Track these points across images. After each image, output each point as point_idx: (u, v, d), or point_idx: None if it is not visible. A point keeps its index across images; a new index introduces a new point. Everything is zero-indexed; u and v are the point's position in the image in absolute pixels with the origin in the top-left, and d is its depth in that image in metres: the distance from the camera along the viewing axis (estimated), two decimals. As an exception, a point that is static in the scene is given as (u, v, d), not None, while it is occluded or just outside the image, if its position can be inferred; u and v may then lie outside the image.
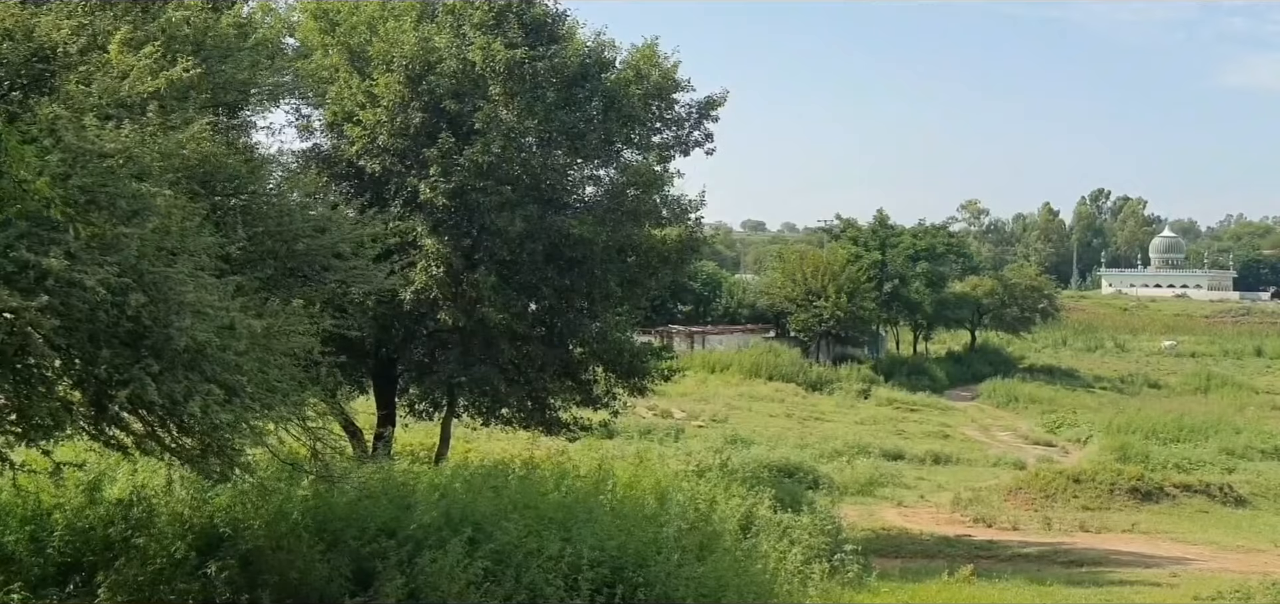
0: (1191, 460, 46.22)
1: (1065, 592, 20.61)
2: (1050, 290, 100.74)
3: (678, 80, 25.02)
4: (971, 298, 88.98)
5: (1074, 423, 58.44)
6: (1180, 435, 52.72)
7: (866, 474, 39.50)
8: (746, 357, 67.99)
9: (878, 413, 59.22)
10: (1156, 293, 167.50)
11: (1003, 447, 52.50)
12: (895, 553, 25.50)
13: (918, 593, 19.95)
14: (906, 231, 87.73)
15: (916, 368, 77.54)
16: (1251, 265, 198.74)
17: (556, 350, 25.08)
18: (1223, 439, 52.20)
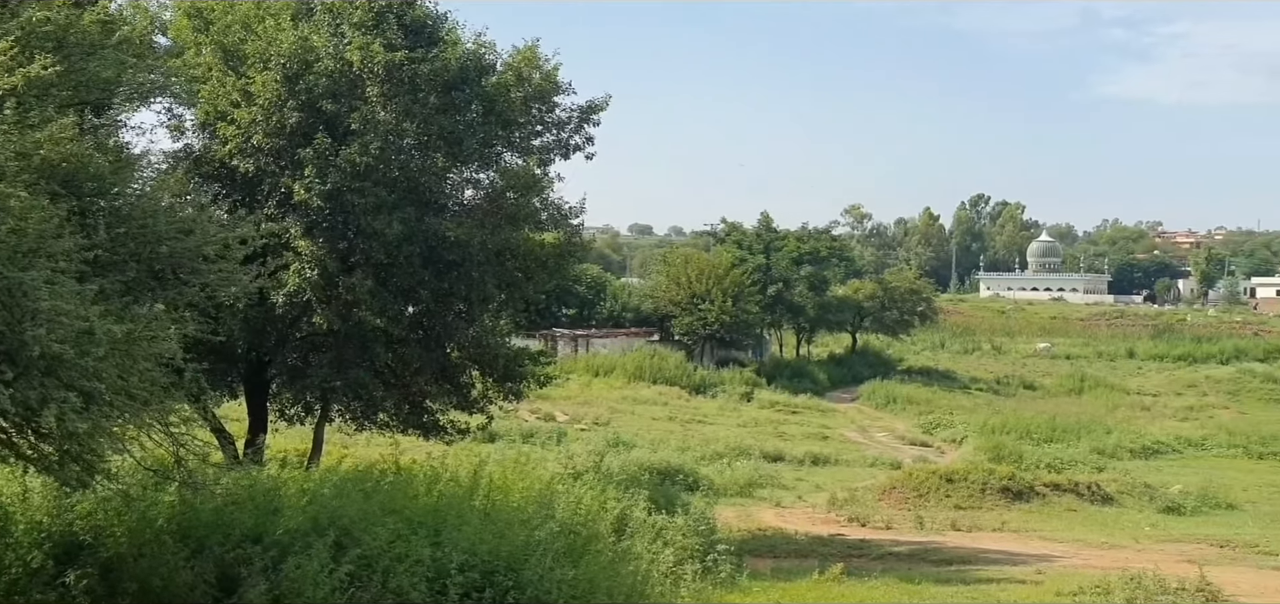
0: (1063, 460, 47.13)
1: (933, 589, 20.95)
2: (929, 293, 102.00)
3: (559, 83, 25.00)
4: (853, 301, 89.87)
5: (950, 424, 59.35)
6: (1053, 436, 53.75)
7: (746, 476, 39.80)
8: (630, 360, 68.20)
9: (760, 415, 59.69)
10: (1033, 296, 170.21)
11: (880, 447, 53.20)
12: (770, 553, 25.74)
13: (788, 592, 20.18)
14: (790, 235, 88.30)
15: (799, 370, 78.15)
16: (1126, 269, 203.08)
17: (433, 354, 25.01)
18: (1094, 439, 53.32)
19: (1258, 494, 39.70)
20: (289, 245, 21.87)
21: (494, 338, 26.24)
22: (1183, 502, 36.59)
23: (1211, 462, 50.74)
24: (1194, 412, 67.98)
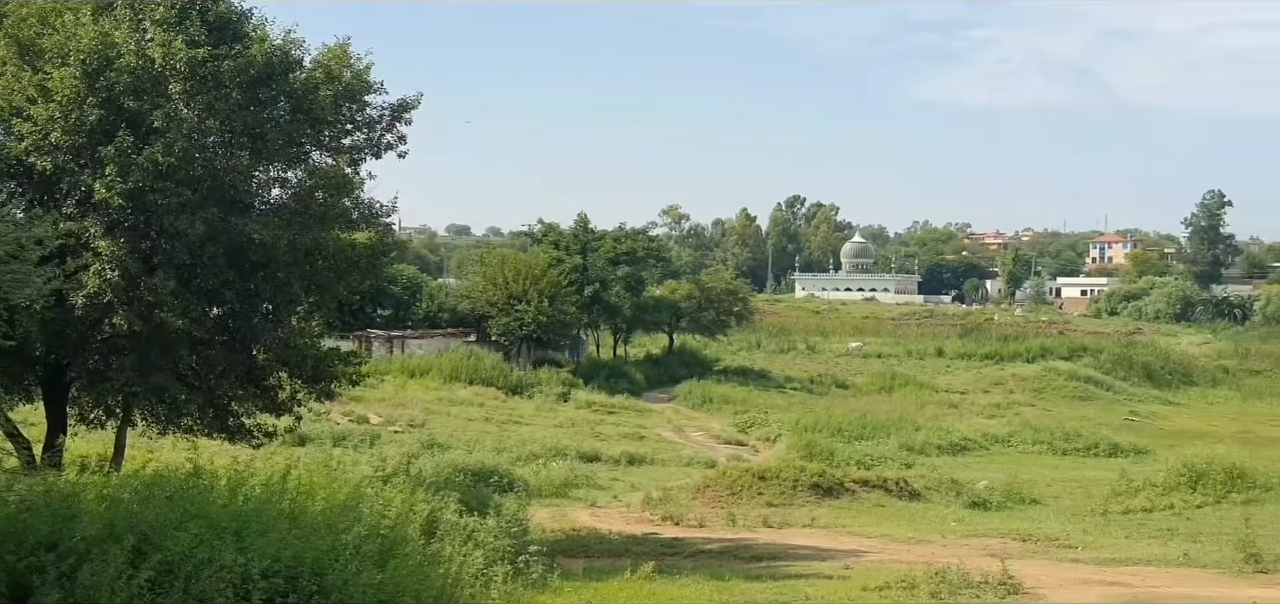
0: (873, 457, 47.93)
1: (742, 586, 21.15)
2: (746, 294, 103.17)
3: (370, 81, 24.70)
4: (670, 301, 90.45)
5: (765, 422, 60.02)
6: (864, 433, 54.65)
7: (562, 476, 39.79)
8: (447, 361, 67.75)
9: (576, 415, 59.74)
10: (847, 296, 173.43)
11: (696, 447, 53.60)
12: (583, 553, 25.75)
13: (599, 592, 20.20)
14: (608, 236, 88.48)
15: (616, 371, 78.39)
16: (936, 269, 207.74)
17: (239, 356, 24.51)
18: (903, 436, 54.36)
19: (1060, 489, 40.75)
20: (89, 246, 21.28)
21: (303, 339, 25.85)
22: (988, 497, 37.43)
23: (1016, 458, 52.02)
24: (1000, 409, 69.65)
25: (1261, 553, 23.87)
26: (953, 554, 23.92)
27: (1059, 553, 27.17)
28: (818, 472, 37.41)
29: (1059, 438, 56.59)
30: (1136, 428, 64.23)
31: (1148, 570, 23.85)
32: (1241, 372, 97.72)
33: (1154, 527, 31.56)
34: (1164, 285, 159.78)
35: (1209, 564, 24.38)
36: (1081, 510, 35.37)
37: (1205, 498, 34.86)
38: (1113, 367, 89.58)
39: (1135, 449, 53.52)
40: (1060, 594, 20.66)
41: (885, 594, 20.33)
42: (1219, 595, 20.19)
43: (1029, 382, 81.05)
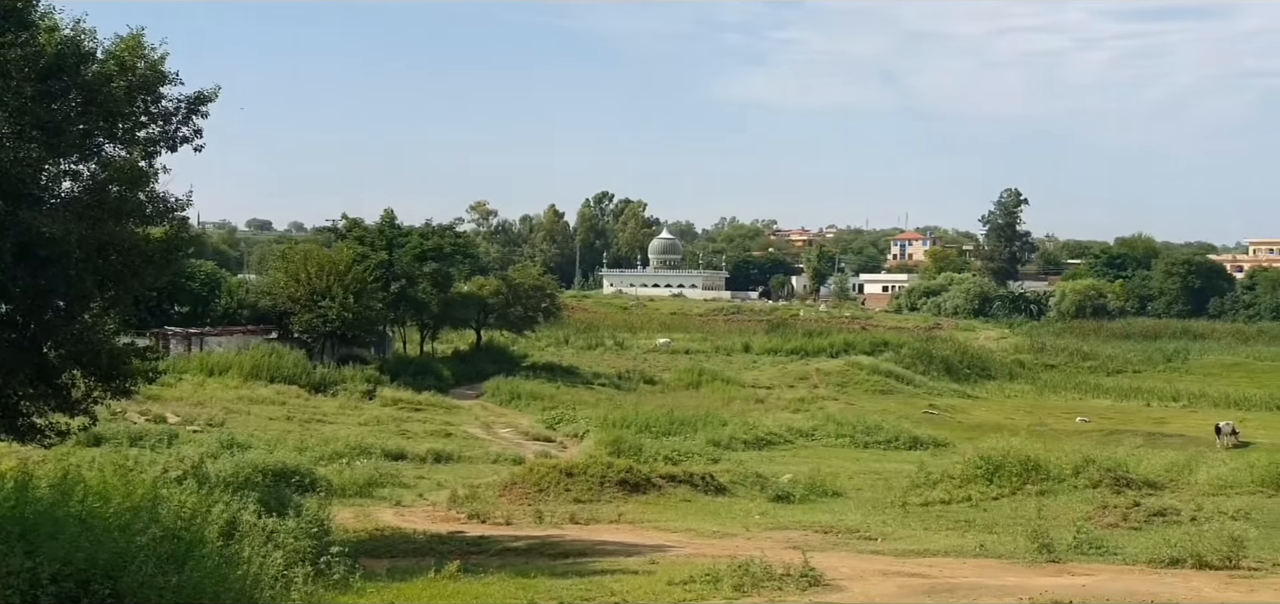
0: (680, 452, 48.25)
1: (547, 582, 21.09)
2: (554, 290, 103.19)
3: (166, 73, 24.09)
4: (478, 297, 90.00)
5: (573, 419, 60.08)
6: (671, 428, 55.00)
7: (366, 475, 39.26)
8: (247, 358, 66.41)
9: (382, 413, 59.12)
10: (655, 292, 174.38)
11: (504, 443, 53.43)
12: (387, 552, 25.43)
13: (403, 591, 20.00)
14: (414, 232, 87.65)
15: (423, 367, 77.78)
16: (743, 266, 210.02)
17: (29, 354, 23.72)
18: (710, 431, 54.83)
19: (861, 481, 41.45)
20: None
21: (97, 336, 25.09)
22: (792, 490, 37.91)
23: (820, 451, 52.88)
24: (805, 403, 70.75)
25: (1053, 543, 24.57)
26: (756, 547, 24.16)
27: (859, 544, 27.61)
28: (625, 468, 37.50)
29: (861, 431, 57.67)
30: (936, 421, 65.80)
31: (945, 561, 24.36)
32: (1037, 365, 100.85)
33: (951, 518, 32.22)
34: (962, 282, 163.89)
35: (1003, 554, 25.00)
36: (882, 502, 36.00)
37: (1001, 489, 35.74)
38: (913, 361, 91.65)
39: (934, 442, 54.79)
40: (860, 585, 20.98)
41: (689, 588, 20.43)
42: (1011, 584, 20.68)
43: (833, 376, 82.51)
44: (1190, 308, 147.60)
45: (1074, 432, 59.63)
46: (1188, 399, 79.85)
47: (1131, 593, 19.59)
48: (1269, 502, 32.57)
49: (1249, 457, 42.16)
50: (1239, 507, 30.75)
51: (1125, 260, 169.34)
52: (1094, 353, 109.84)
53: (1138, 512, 30.46)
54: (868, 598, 19.90)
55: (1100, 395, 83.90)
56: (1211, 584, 20.87)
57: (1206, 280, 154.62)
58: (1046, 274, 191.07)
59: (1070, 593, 19.52)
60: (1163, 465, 39.43)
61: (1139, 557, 23.80)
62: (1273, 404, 76.77)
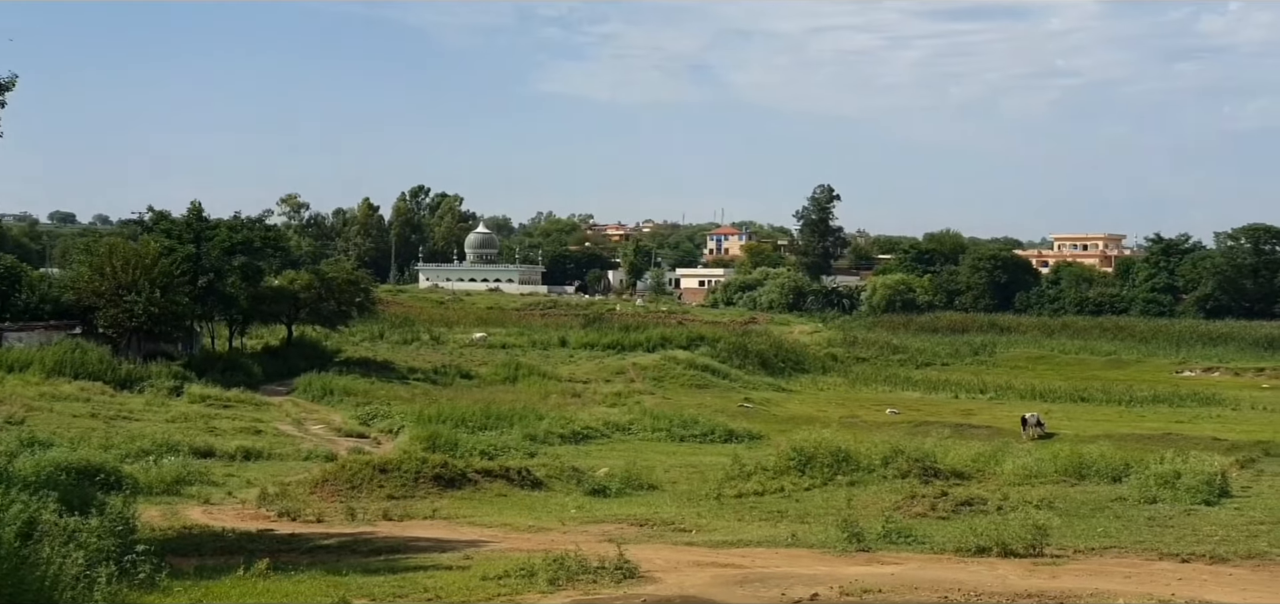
0: (496, 447, 48.07)
1: (359, 580, 20.75)
2: (368, 284, 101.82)
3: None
4: (289, 292, 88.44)
5: (387, 414, 59.36)
6: (487, 423, 54.73)
7: (174, 472, 38.28)
8: (50, 354, 64.36)
9: (190, 410, 57.77)
10: (472, 286, 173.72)
11: (316, 440, 52.58)
12: (195, 551, 24.76)
13: (211, 590, 19.51)
14: (223, 225, 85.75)
15: (232, 363, 76.19)
16: (559, 260, 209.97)
17: None
18: (527, 425, 54.65)
19: (677, 474, 41.62)
20: None
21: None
22: (608, 484, 37.90)
23: (636, 445, 53.03)
24: (622, 397, 70.92)
25: (863, 532, 24.95)
26: (572, 541, 24.07)
27: (675, 536, 27.70)
28: (440, 463, 37.13)
29: (677, 425, 57.99)
30: (750, 414, 66.44)
31: (758, 551, 24.54)
32: (849, 359, 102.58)
33: (765, 509, 32.55)
34: (777, 276, 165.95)
35: (815, 544, 25.27)
36: (697, 495, 36.19)
37: (813, 480, 36.25)
38: (729, 355, 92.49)
39: (749, 434, 55.36)
40: (674, 576, 21.03)
41: (504, 583, 20.28)
42: (822, 573, 20.91)
43: (649, 370, 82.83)
44: (997, 302, 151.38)
45: (884, 423, 60.70)
46: (994, 391, 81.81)
47: (939, 581, 19.92)
48: (1071, 490, 33.46)
49: (1053, 447, 43.35)
50: (1043, 496, 31.64)
51: (934, 256, 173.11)
52: (904, 346, 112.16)
53: (945, 501, 31.05)
54: (682, 589, 19.93)
55: (910, 388, 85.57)
56: (1016, 571, 21.34)
57: (1012, 275, 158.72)
58: (858, 269, 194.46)
59: (879, 581, 19.81)
60: (970, 456, 40.35)
61: (946, 545, 24.27)
62: (1076, 396, 79.05)
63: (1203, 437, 51.69)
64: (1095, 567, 22.16)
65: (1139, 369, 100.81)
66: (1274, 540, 25.11)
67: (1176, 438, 50.02)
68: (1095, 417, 65.43)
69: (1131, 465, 35.78)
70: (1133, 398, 77.51)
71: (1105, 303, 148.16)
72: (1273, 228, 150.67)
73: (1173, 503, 30.45)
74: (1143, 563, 22.68)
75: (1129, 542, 25.12)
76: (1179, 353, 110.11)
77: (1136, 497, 31.48)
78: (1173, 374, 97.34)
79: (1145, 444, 45.56)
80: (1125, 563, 22.67)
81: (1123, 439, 48.17)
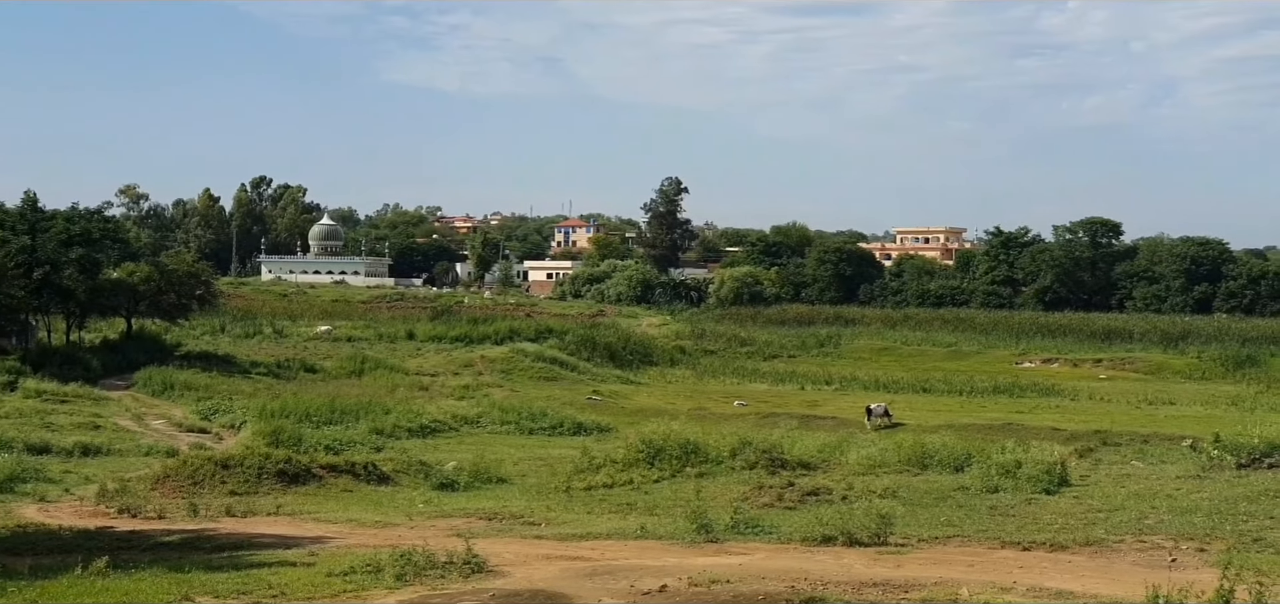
0: (342, 441, 47.47)
1: (202, 577, 20.37)
2: (209, 276, 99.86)
3: None
4: (128, 284, 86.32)
5: (230, 409, 58.26)
6: (333, 417, 53.96)
7: (8, 470, 37.13)
8: (-126, 350, 62.29)
9: (25, 406, 56.10)
10: (316, 279, 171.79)
11: (157, 435, 51.45)
12: (31, 550, 24.09)
13: (47, 590, 19.01)
14: (59, 215, 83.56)
15: (69, 357, 74.12)
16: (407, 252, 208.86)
17: None
18: (373, 420, 53.99)
19: (526, 468, 41.52)
20: None
21: None
22: (456, 478, 37.70)
23: (485, 438, 52.72)
24: (470, 390, 70.42)
25: (712, 523, 25.15)
26: (419, 536, 23.92)
27: (524, 530, 27.66)
28: (284, 458, 36.60)
29: (526, 418, 57.74)
30: (599, 406, 66.42)
31: (607, 543, 24.61)
32: (697, 351, 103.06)
33: (614, 501, 32.63)
34: (625, 268, 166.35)
35: (664, 535, 25.39)
36: (546, 488, 36.18)
37: (662, 472, 36.47)
38: (578, 348, 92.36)
39: (598, 427, 55.32)
40: (523, 570, 20.98)
41: (350, 579, 20.08)
42: (671, 564, 21.00)
43: (497, 363, 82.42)
44: (842, 294, 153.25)
45: (732, 415, 61.07)
46: (840, 383, 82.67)
47: (786, 570, 20.11)
48: (915, 480, 34.07)
49: (896, 437, 44.04)
50: (887, 485, 32.18)
51: (781, 248, 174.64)
52: (751, 338, 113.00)
53: (792, 492, 31.43)
54: (531, 582, 19.88)
55: (757, 380, 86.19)
56: (861, 560, 21.64)
57: (857, 268, 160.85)
58: (706, 262, 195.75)
59: (727, 571, 19.94)
60: (816, 446, 40.88)
61: (793, 535, 24.55)
62: (918, 386, 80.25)
63: (1042, 427, 52.79)
64: (938, 555, 22.55)
65: (979, 360, 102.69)
66: (1111, 528, 25.83)
67: (1017, 428, 51.02)
68: (937, 407, 66.50)
69: (973, 455, 36.57)
70: (974, 388, 78.87)
71: (947, 295, 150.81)
72: (1109, 221, 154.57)
73: (1014, 492, 31.16)
74: (985, 551, 23.14)
75: (971, 530, 25.64)
76: (1018, 344, 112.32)
77: (979, 486, 32.15)
78: (1012, 365, 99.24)
79: (986, 434, 46.46)
80: (968, 551, 23.11)
81: (964, 429, 49.02)
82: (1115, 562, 22.08)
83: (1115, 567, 21.49)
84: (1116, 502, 29.86)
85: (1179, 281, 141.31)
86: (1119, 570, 20.93)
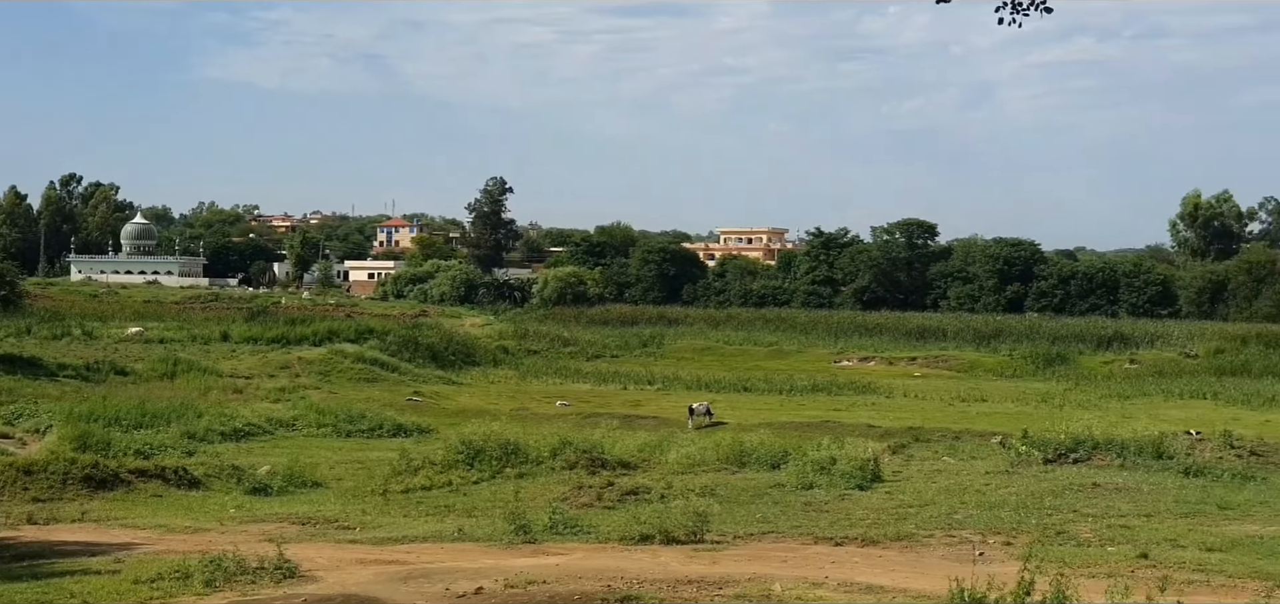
0: (153, 445, 46.17)
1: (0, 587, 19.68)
2: (14, 276, 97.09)
3: None
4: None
5: (35, 413, 56.32)
6: (143, 421, 52.47)
7: None
8: None
9: None
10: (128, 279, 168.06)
11: (-44, 442, 49.68)
12: None
13: None
14: None
15: None
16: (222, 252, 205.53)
17: None
18: (186, 423, 52.61)
19: (342, 471, 40.84)
20: None
21: None
22: (270, 482, 36.91)
23: (301, 441, 51.75)
24: (287, 392, 69.11)
25: (530, 524, 25.00)
26: (230, 541, 23.30)
27: (338, 534, 27.21)
28: (91, 463, 35.45)
29: (344, 420, 56.84)
30: (420, 408, 65.82)
31: (423, 546, 24.31)
32: (520, 351, 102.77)
33: (433, 504, 32.29)
34: (448, 269, 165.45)
35: (482, 537, 25.18)
36: (363, 491, 35.62)
37: (481, 473, 36.21)
38: (399, 348, 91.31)
39: (418, 429, 54.71)
40: (336, 575, 20.62)
41: (157, 586, 19.55)
42: (488, 566, 20.83)
43: (315, 364, 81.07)
44: (665, 294, 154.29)
45: (554, 415, 60.94)
46: (662, 382, 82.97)
47: (603, 570, 20.05)
48: (732, 478, 34.32)
49: (715, 436, 44.30)
50: (705, 483, 32.36)
51: (605, 248, 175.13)
52: (575, 338, 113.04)
53: (612, 491, 31.42)
54: (344, 587, 19.54)
55: (580, 380, 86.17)
56: (678, 558, 21.68)
57: (681, 268, 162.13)
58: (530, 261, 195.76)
59: (544, 572, 19.82)
60: (636, 446, 40.94)
61: (611, 534, 24.54)
62: (740, 385, 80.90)
63: (858, 424, 53.55)
64: (754, 551, 22.71)
65: (799, 359, 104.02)
66: (922, 523, 26.27)
67: (834, 425, 51.68)
68: (758, 406, 67.09)
69: (790, 452, 36.95)
70: (793, 387, 79.74)
71: (768, 295, 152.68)
72: (925, 222, 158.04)
73: (828, 488, 31.55)
74: (799, 547, 23.37)
75: (786, 526, 25.89)
76: (837, 343, 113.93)
77: (794, 482, 32.50)
78: (831, 364, 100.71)
79: (804, 431, 46.92)
80: (782, 547, 23.32)
81: (783, 427, 49.50)
82: (925, 556, 22.45)
83: (925, 561, 21.85)
84: (927, 497, 30.40)
85: (992, 281, 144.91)
86: (928, 564, 21.27)
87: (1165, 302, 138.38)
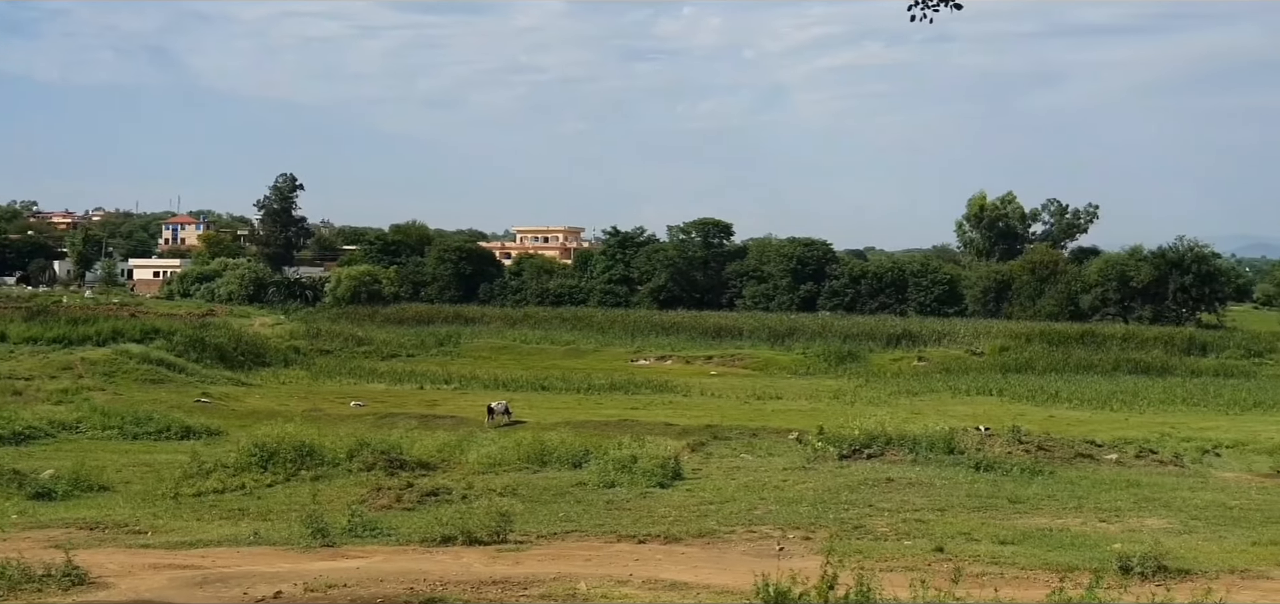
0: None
1: None
2: None
3: None
4: None
5: None
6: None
7: None
8: None
9: None
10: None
11: None
12: None
13: None
14: None
15: None
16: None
17: None
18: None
19: (131, 474, 39.75)
20: None
21: None
22: (54, 486, 35.68)
23: (86, 444, 50.24)
24: (69, 394, 67.08)
25: (328, 527, 24.60)
26: (13, 548, 22.47)
27: (129, 539, 26.45)
28: None
29: (130, 422, 55.36)
30: (210, 409, 64.45)
31: (218, 550, 23.73)
32: (312, 351, 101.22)
33: (226, 507, 31.64)
34: (237, 267, 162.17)
35: (278, 541, 24.70)
36: (153, 495, 34.68)
37: (276, 476, 35.58)
38: (186, 348, 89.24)
39: (208, 430, 53.56)
40: (128, 581, 19.99)
41: (-79, 601, 18.71)
42: (285, 570, 20.42)
43: (99, 365, 78.78)
44: (462, 293, 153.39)
45: (349, 416, 60.22)
46: (459, 382, 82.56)
47: (405, 572, 19.83)
48: (534, 477, 34.27)
49: (516, 435, 44.17)
50: (507, 483, 32.28)
51: (400, 247, 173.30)
52: (369, 338, 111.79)
53: (411, 492, 31.16)
54: (137, 593, 18.97)
55: (375, 380, 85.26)
56: (481, 558, 21.55)
57: (477, 266, 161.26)
58: (323, 260, 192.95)
59: (345, 576, 19.52)
60: (436, 446, 40.62)
61: (412, 536, 24.30)
62: (538, 384, 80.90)
63: (656, 422, 53.95)
64: (557, 551, 22.67)
65: (597, 358, 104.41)
66: (723, 519, 26.55)
67: (633, 424, 51.98)
68: (556, 405, 67.14)
69: (591, 451, 37.07)
70: (591, 386, 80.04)
71: (565, 294, 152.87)
72: (721, 222, 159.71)
73: (630, 486, 31.70)
74: (602, 545, 23.40)
75: (589, 525, 25.91)
76: (634, 342, 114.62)
77: (596, 481, 32.60)
78: (629, 362, 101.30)
79: (603, 430, 47.11)
80: (586, 546, 23.32)
81: (582, 426, 49.64)
82: (727, 552, 22.67)
83: (727, 556, 22.05)
84: (727, 494, 30.74)
85: (786, 280, 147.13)
86: (730, 560, 21.48)
87: (952, 301, 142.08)
